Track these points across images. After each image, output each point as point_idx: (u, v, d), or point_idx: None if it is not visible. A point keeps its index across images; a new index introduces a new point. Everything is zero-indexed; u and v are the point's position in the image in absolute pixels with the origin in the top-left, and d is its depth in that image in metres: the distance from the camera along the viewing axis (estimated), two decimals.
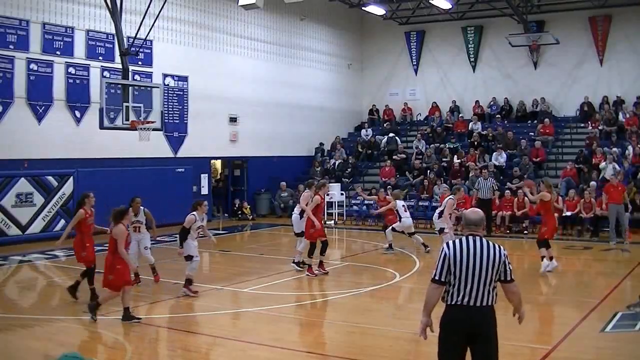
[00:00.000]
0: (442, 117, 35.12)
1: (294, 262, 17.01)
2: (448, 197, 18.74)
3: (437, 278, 6.61)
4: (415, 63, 37.17)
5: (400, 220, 19.87)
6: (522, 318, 6.97)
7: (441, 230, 18.36)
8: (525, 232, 24.11)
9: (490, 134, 31.02)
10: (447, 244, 6.69)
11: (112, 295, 11.97)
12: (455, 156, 29.78)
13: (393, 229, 20.00)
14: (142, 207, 15.60)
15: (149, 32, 22.61)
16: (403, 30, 37.16)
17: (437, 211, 18.92)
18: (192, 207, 14.28)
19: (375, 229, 25.67)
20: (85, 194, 14.14)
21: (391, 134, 33.64)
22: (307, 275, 16.17)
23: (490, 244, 6.67)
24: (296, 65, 33.85)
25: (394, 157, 31.53)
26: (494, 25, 34.45)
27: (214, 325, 11.90)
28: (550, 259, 16.38)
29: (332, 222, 28.06)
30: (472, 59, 35.49)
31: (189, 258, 14.04)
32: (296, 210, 17.58)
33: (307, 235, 16.47)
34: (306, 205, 16.43)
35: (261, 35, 31.62)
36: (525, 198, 21.25)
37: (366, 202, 27.63)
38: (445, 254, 6.60)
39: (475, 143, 30.53)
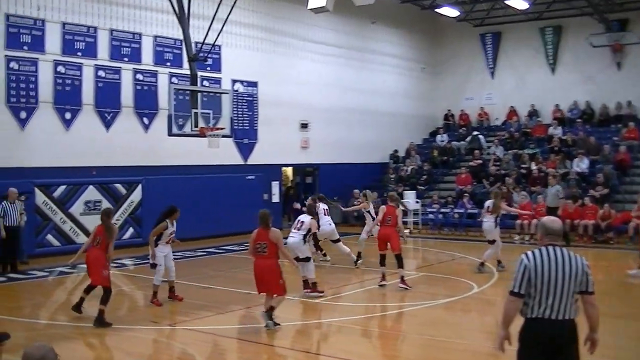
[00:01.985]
0: (520, 121, 34.56)
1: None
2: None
3: (516, 290, 6.44)
4: (491, 66, 36.55)
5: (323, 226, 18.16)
6: (595, 345, 6.68)
7: (492, 242, 17.93)
8: (611, 241, 23.39)
9: (571, 139, 30.28)
10: (527, 254, 6.50)
11: None
12: (534, 162, 29.13)
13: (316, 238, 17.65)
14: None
15: (217, 37, 22.54)
16: (478, 32, 36.58)
17: (488, 219, 18.30)
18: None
19: (452, 238, 25.29)
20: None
21: (475, 132, 33.42)
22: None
23: (572, 254, 6.50)
24: (368, 69, 33.53)
25: (471, 163, 31.13)
26: (573, 25, 33.55)
27: (285, 337, 11.72)
28: None
29: (407, 231, 27.58)
30: (551, 61, 34.61)
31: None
32: (299, 233, 15.40)
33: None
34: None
35: (331, 39, 31.43)
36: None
37: (442, 210, 27.28)
38: (525, 265, 6.43)
39: (555, 149, 29.87)
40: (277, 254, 11.77)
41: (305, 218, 15.49)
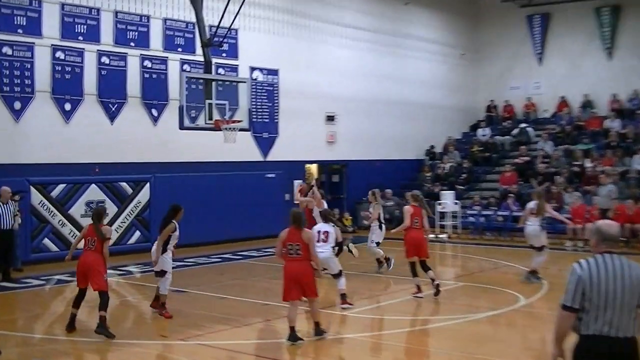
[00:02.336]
0: (572, 113, 34.26)
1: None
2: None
3: (568, 304, 6.27)
4: (539, 51, 36.25)
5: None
6: None
7: (540, 248, 17.65)
8: None
9: (631, 133, 30.06)
10: (580, 263, 6.33)
11: None
12: (588, 159, 28.96)
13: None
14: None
15: (233, 20, 22.37)
16: (524, 13, 36.30)
17: (532, 222, 17.91)
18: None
19: (496, 244, 25.05)
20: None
21: (523, 124, 33.39)
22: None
23: (631, 263, 6.32)
24: (401, 56, 33.42)
25: (517, 159, 30.98)
26: (633, 5, 33.32)
27: (309, 352, 11.73)
28: None
29: (445, 235, 27.44)
30: (608, 45, 34.30)
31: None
32: (327, 246, 15.12)
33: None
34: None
35: (360, 22, 31.31)
36: None
37: (484, 212, 27.07)
38: (578, 276, 6.26)
39: (612, 144, 29.74)
40: (310, 256, 11.82)
41: (327, 228, 15.30)
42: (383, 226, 19.12)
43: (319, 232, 15.06)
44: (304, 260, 11.76)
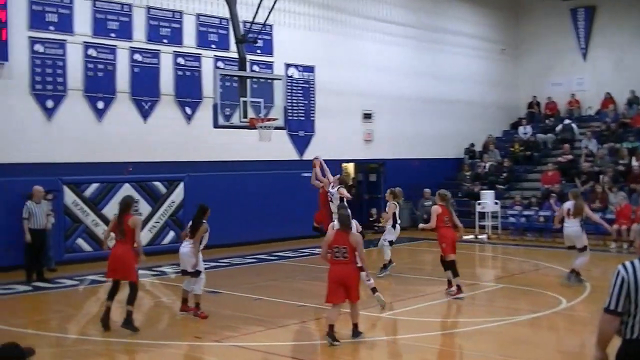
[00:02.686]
0: (618, 110, 33.94)
1: None
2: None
3: (612, 308, 6.08)
4: (583, 46, 35.88)
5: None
6: None
7: (583, 249, 17.40)
8: None
9: None
10: (624, 265, 6.14)
11: None
12: (634, 158, 28.57)
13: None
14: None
15: (268, 16, 22.17)
16: (568, 6, 35.94)
17: (572, 224, 17.57)
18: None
19: (537, 245, 24.80)
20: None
21: (567, 121, 33.21)
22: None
23: None
24: (439, 51, 33.27)
25: (560, 158, 30.64)
26: None
27: (345, 355, 11.59)
28: None
29: (485, 236, 27.20)
30: None
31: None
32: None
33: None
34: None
35: (398, 17, 31.18)
36: None
37: (525, 213, 26.79)
38: (622, 278, 6.07)
39: None
40: (356, 259, 11.92)
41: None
42: (397, 225, 18.96)
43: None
44: (350, 264, 11.82)
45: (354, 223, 15.05)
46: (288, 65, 26.74)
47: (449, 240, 15.92)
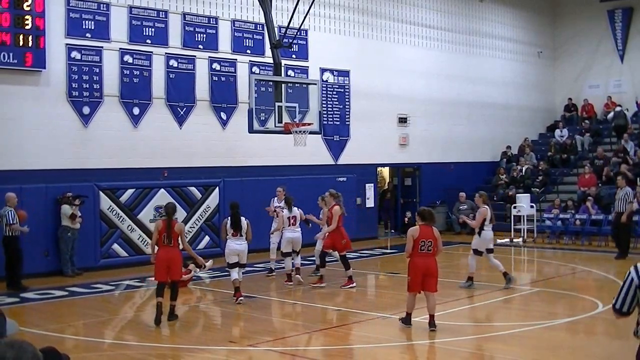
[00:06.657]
0: None
1: None
2: None
3: (617, 307, 6.34)
4: (620, 48, 35.56)
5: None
6: None
7: None
8: None
9: None
10: (636, 267, 6.30)
11: None
12: None
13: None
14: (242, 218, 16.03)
15: (303, 21, 22.25)
16: (605, 8, 35.70)
17: None
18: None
19: (573, 249, 24.62)
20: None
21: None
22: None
23: None
24: (475, 55, 33.11)
25: (595, 161, 30.27)
26: None
27: (379, 359, 11.66)
28: None
29: (520, 239, 27.06)
30: None
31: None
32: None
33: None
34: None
35: (434, 21, 31.09)
36: None
37: (561, 216, 26.64)
38: (631, 279, 6.27)
39: None
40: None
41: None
42: (483, 232, 18.82)
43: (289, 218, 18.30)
44: (432, 256, 13.01)
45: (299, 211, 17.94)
46: (323, 70, 26.70)
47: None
